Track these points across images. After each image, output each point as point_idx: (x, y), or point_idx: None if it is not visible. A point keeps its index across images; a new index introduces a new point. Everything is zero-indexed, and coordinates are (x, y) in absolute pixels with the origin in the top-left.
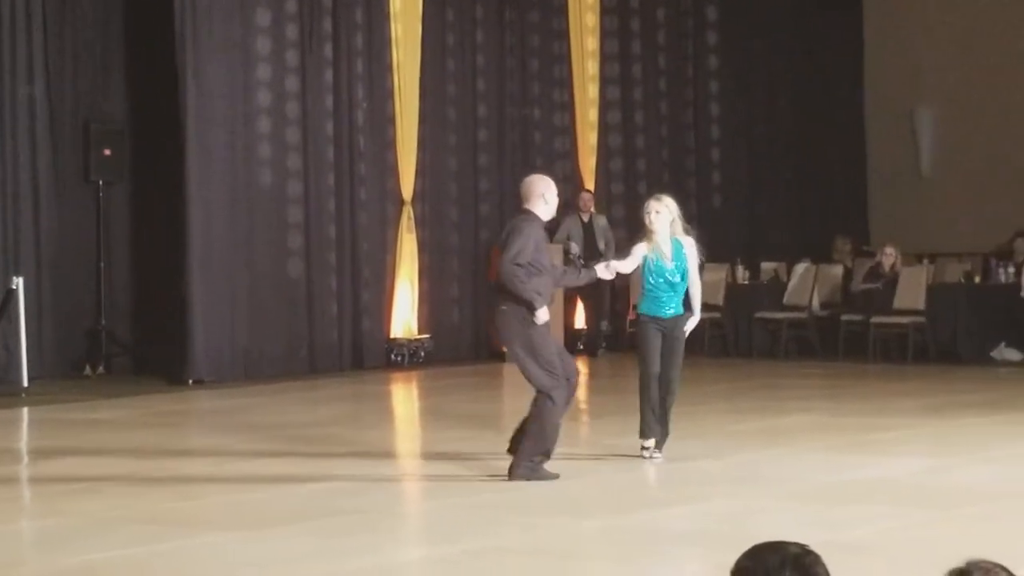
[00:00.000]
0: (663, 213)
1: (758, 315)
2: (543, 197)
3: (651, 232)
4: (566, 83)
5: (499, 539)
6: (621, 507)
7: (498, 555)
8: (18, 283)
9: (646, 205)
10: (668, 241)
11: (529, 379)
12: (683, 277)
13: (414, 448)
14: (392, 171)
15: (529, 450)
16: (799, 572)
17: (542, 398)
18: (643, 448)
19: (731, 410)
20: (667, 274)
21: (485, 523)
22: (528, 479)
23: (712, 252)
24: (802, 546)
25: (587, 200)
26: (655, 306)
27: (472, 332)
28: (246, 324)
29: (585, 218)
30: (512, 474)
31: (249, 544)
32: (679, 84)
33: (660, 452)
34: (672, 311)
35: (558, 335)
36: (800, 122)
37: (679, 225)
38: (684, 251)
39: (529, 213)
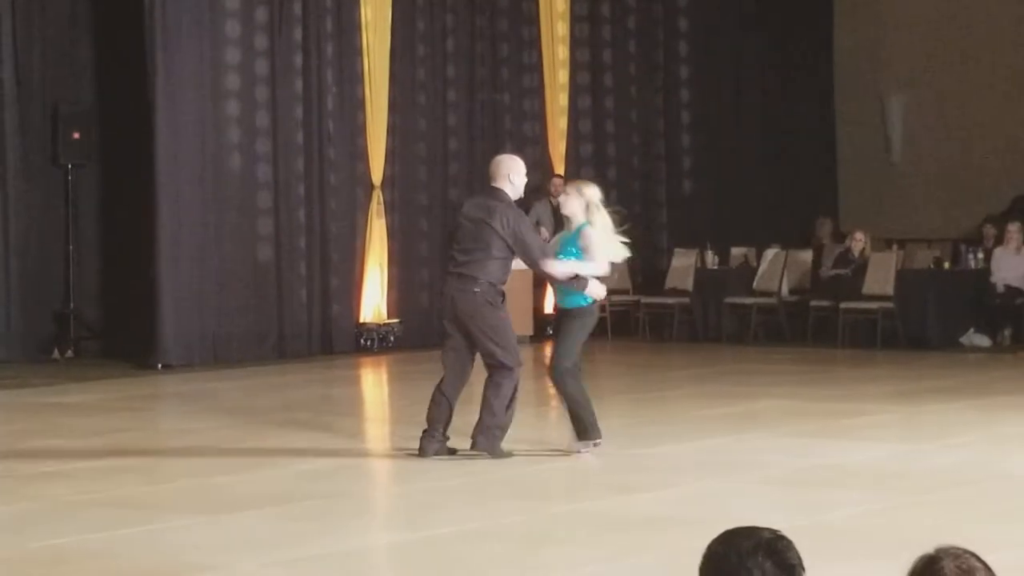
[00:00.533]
0: (572, 196)
1: (727, 300)
2: (508, 178)
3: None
4: (536, 68)
5: (467, 524)
6: (590, 492)
7: (466, 540)
8: None
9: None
10: (573, 227)
11: (490, 356)
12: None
13: (382, 433)
14: (362, 156)
15: (489, 422)
16: (772, 557)
17: (501, 372)
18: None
19: (700, 395)
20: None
21: (453, 508)
22: (491, 453)
23: (682, 237)
24: (774, 531)
25: (558, 185)
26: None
27: (441, 317)
28: (215, 309)
29: (555, 203)
30: (474, 445)
31: (217, 528)
32: (649, 69)
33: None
34: (562, 302)
35: (527, 320)
36: (770, 108)
37: (598, 213)
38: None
39: (498, 192)
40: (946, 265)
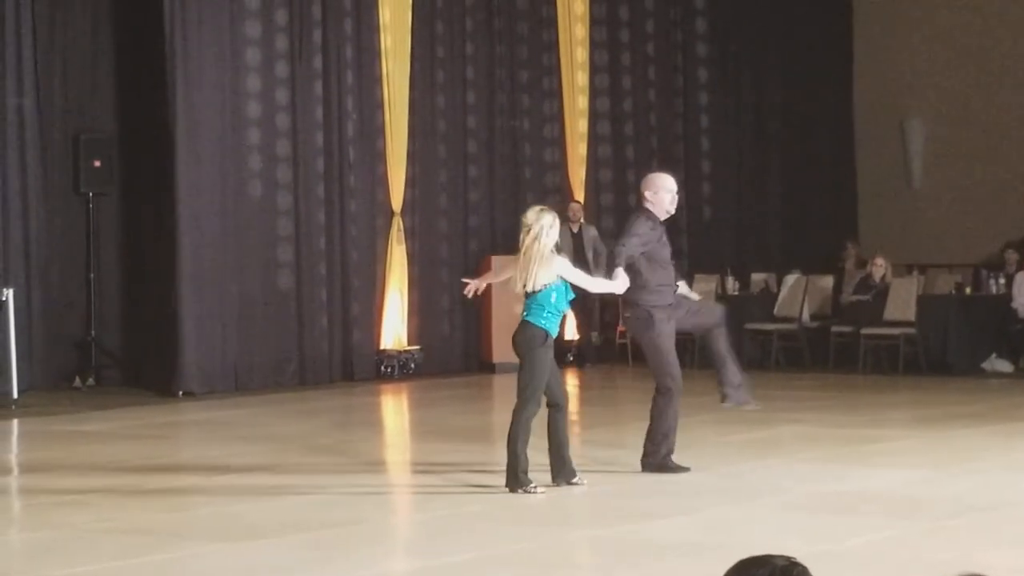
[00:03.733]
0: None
1: (748, 326)
2: (644, 195)
3: None
4: (555, 94)
5: (488, 550)
6: (610, 518)
7: (487, 566)
8: (8, 295)
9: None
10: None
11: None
12: None
13: (404, 460)
14: (382, 182)
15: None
16: None
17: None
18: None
19: (720, 421)
20: None
21: (474, 534)
22: (660, 471)
23: (702, 263)
24: (788, 558)
25: (576, 210)
26: None
27: (462, 343)
28: (236, 336)
29: (575, 229)
30: (644, 466)
31: (238, 556)
32: (668, 95)
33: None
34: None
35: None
36: (790, 133)
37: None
38: None
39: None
40: (968, 290)
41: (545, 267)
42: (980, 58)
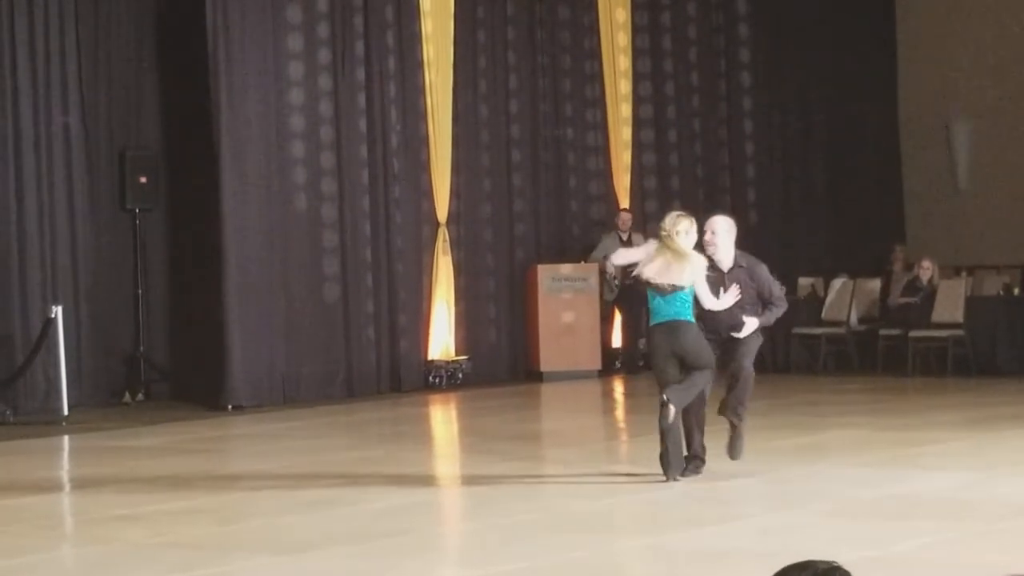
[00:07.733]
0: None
1: (796, 330)
2: None
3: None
4: (599, 103)
5: (539, 559)
6: (659, 526)
7: None
8: (56, 312)
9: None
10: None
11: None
12: None
13: (453, 470)
14: (426, 193)
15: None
16: None
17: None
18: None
19: (770, 426)
20: None
21: (525, 544)
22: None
23: None
24: (830, 563)
25: (626, 219)
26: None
27: (510, 353)
28: (284, 349)
29: (624, 237)
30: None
31: (290, 568)
32: (712, 101)
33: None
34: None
35: (595, 353)
36: (835, 137)
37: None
38: None
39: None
40: (1016, 291)
41: (690, 265)
42: None
